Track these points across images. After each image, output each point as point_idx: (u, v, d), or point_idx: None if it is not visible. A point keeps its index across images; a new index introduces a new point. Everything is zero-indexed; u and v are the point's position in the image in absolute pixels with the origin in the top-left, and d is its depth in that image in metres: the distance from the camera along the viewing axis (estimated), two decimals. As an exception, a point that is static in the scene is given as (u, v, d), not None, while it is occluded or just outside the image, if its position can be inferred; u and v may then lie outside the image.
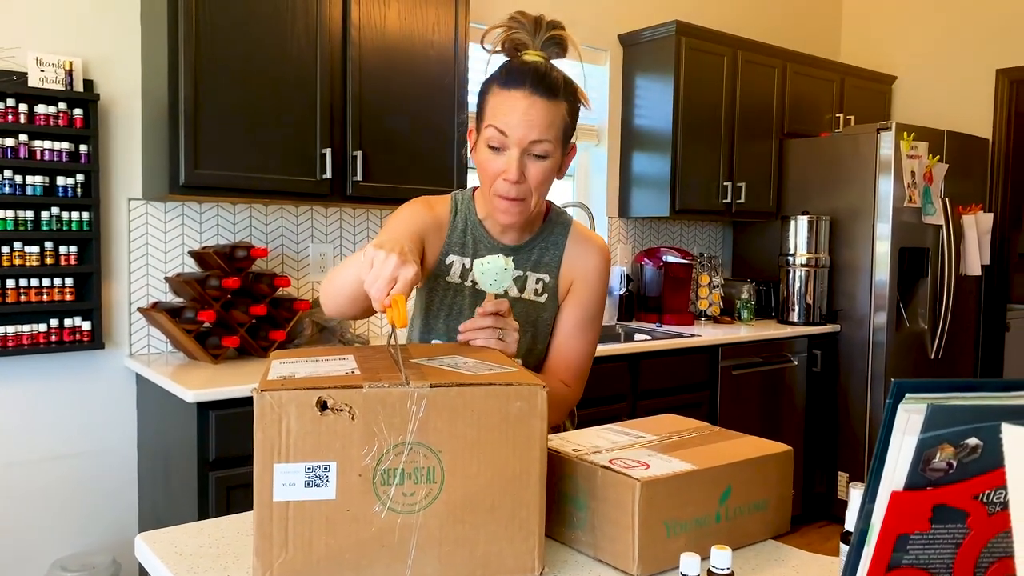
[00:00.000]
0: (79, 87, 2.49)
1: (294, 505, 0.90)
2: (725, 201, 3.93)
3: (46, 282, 2.45)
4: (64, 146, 2.45)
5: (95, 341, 2.53)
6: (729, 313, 4.13)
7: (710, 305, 4.06)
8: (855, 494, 0.86)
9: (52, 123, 2.43)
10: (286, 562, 0.91)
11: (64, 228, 2.47)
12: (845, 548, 0.90)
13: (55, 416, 2.57)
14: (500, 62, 1.38)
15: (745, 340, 3.58)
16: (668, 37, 3.71)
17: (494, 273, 1.24)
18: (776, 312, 4.13)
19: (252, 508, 0.92)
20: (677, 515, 1.01)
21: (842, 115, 4.40)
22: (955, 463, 0.65)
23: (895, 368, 3.85)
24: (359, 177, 2.69)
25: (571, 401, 1.49)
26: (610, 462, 1.04)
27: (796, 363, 3.82)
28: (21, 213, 2.40)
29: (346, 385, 0.91)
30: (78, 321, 2.51)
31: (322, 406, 0.89)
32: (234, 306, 2.58)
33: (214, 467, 2.20)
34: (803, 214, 3.94)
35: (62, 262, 2.47)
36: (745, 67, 3.95)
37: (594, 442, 1.15)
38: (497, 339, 1.23)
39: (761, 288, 4.22)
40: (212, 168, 2.42)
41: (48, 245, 2.44)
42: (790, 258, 3.96)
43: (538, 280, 1.46)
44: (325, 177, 2.63)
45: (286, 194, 2.60)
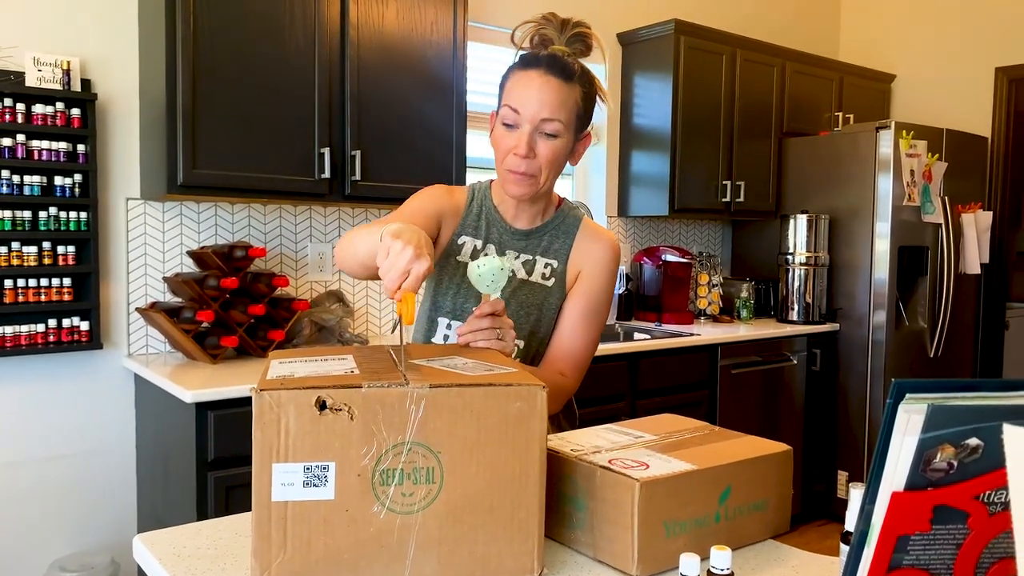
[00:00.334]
0: (77, 87, 2.49)
1: (292, 505, 0.90)
2: (724, 200, 3.93)
3: (44, 282, 2.44)
4: (62, 146, 2.45)
5: (93, 341, 2.53)
6: (728, 312, 4.13)
7: (709, 304, 4.06)
8: (855, 494, 0.86)
9: (50, 123, 2.43)
10: (284, 563, 0.90)
11: (62, 228, 2.47)
12: (845, 548, 0.90)
13: (53, 416, 2.56)
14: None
15: (744, 339, 3.57)
16: (667, 36, 3.70)
17: (491, 274, 1.24)
18: (775, 311, 4.13)
19: (251, 508, 0.91)
20: (676, 515, 1.01)
21: (841, 114, 4.40)
22: (956, 463, 0.64)
23: (894, 367, 3.85)
24: (358, 176, 2.69)
25: (567, 391, 1.50)
26: (609, 462, 1.03)
27: (795, 362, 3.82)
28: (19, 213, 2.39)
29: (345, 385, 0.90)
30: (76, 321, 2.51)
31: (321, 406, 0.89)
32: (233, 306, 2.57)
33: (213, 467, 2.20)
34: (802, 213, 3.94)
35: (60, 262, 2.47)
36: (744, 66, 3.95)
37: (593, 442, 1.15)
38: (496, 339, 1.23)
39: (760, 287, 4.22)
40: (210, 168, 2.42)
41: (46, 245, 2.44)
42: (789, 257, 3.96)
43: (547, 265, 1.49)
44: (323, 176, 2.63)
45: (284, 194, 2.60)
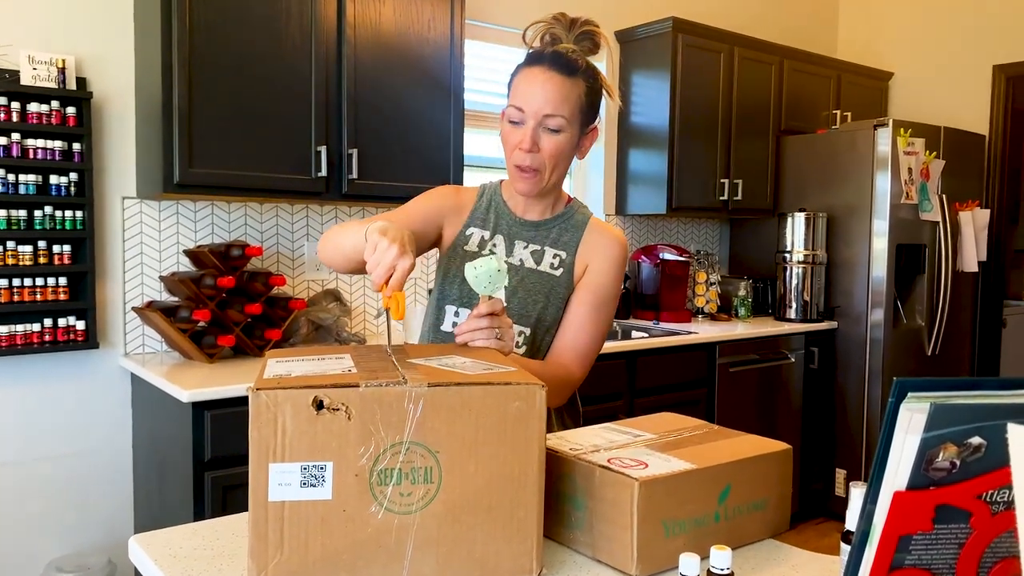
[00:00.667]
0: (72, 85, 2.48)
1: (290, 505, 0.89)
2: (722, 198, 3.93)
3: (40, 282, 2.43)
4: (57, 144, 2.44)
5: (89, 341, 2.52)
6: (726, 310, 4.13)
7: (707, 302, 4.06)
8: (856, 494, 0.85)
9: (45, 121, 2.41)
10: (281, 563, 0.90)
11: (58, 227, 2.46)
12: (846, 548, 0.90)
13: (50, 416, 2.55)
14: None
15: (742, 337, 3.57)
16: (664, 34, 3.70)
17: (487, 276, 1.23)
18: (773, 309, 4.12)
19: (248, 509, 0.91)
20: (676, 515, 1.00)
21: (839, 111, 4.39)
22: (958, 462, 0.64)
23: (892, 364, 3.85)
24: (354, 175, 2.68)
25: (573, 385, 1.50)
26: (608, 461, 1.03)
27: (793, 360, 3.82)
28: (14, 212, 2.38)
29: (342, 384, 0.90)
30: (72, 321, 2.50)
31: (318, 405, 0.88)
32: (229, 305, 2.57)
33: (209, 467, 2.19)
34: (800, 211, 3.94)
35: (56, 261, 2.45)
36: (742, 64, 3.94)
37: (592, 441, 1.14)
38: (495, 339, 1.23)
39: (758, 285, 4.22)
40: (206, 166, 2.41)
41: (41, 244, 2.43)
42: (787, 255, 3.96)
43: (555, 256, 1.51)
44: (320, 175, 2.62)
45: (281, 192, 2.59)
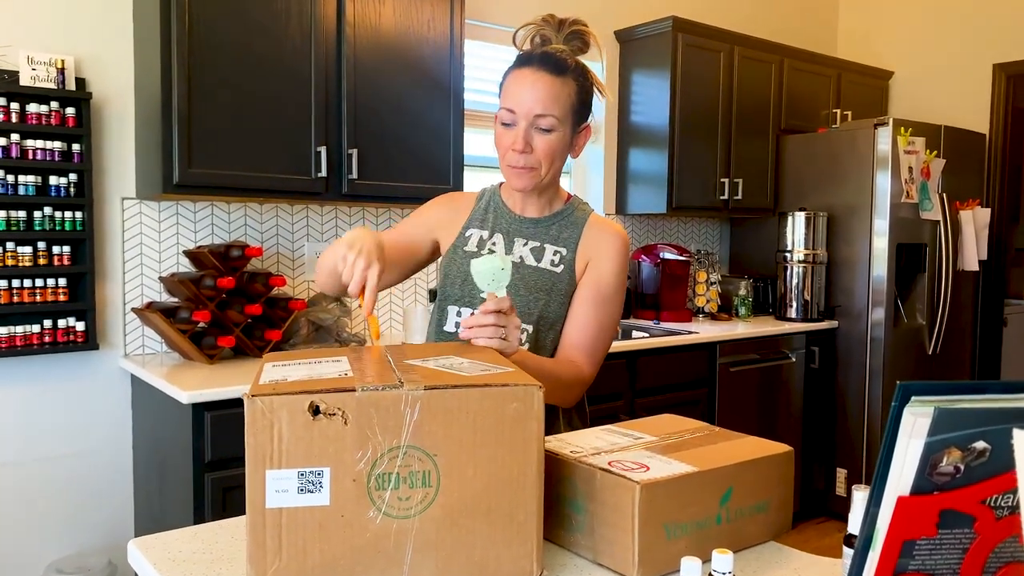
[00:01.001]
0: (71, 85, 2.47)
1: (287, 512, 0.89)
2: (722, 197, 3.92)
3: (39, 283, 2.43)
4: (56, 145, 2.43)
5: (89, 342, 2.51)
6: (727, 310, 4.12)
7: (708, 302, 4.05)
8: (859, 497, 0.85)
9: (44, 122, 2.41)
10: (280, 569, 0.89)
11: (57, 228, 2.45)
12: (848, 552, 0.89)
13: (50, 418, 2.55)
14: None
15: (743, 337, 3.57)
16: (664, 33, 3.69)
17: (491, 273, 1.23)
18: (774, 309, 4.12)
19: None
20: (677, 518, 0.99)
21: (839, 111, 4.39)
22: (962, 467, 0.63)
23: (893, 364, 3.85)
24: (354, 175, 2.67)
25: (584, 381, 1.49)
26: (609, 464, 1.02)
27: (794, 360, 3.81)
28: (13, 213, 2.38)
29: (338, 388, 0.89)
30: (72, 322, 2.49)
31: (314, 411, 0.88)
32: (229, 306, 2.56)
33: (210, 468, 2.19)
34: (800, 210, 3.93)
35: (55, 262, 2.45)
36: (742, 63, 3.93)
37: (592, 443, 1.13)
38: (500, 339, 1.21)
39: (759, 285, 4.21)
40: (206, 167, 2.40)
41: (41, 245, 2.42)
42: (787, 254, 3.95)
43: (555, 252, 1.51)
44: (320, 175, 2.61)
45: (281, 193, 2.58)
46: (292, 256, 2.97)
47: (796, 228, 3.92)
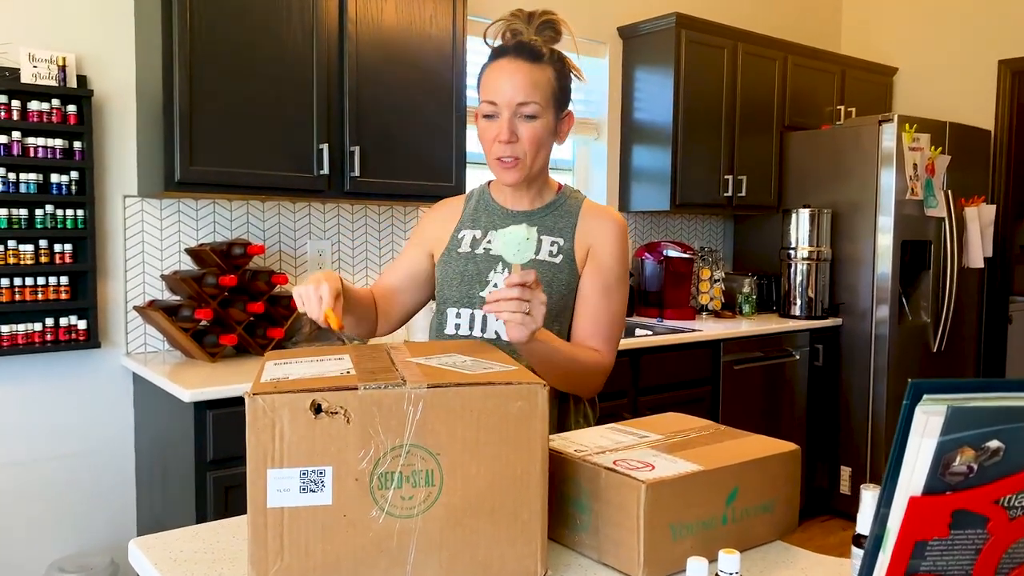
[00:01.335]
0: (73, 83, 2.46)
1: (289, 511, 0.88)
2: (726, 195, 3.90)
3: (41, 281, 2.42)
4: (58, 143, 2.42)
5: (91, 340, 2.50)
6: (730, 307, 4.10)
7: (711, 299, 4.03)
8: (867, 496, 0.84)
9: (46, 120, 2.40)
10: (282, 569, 0.88)
11: (59, 226, 2.44)
12: (858, 552, 0.88)
13: (51, 416, 2.54)
14: None
15: (746, 334, 3.55)
16: (668, 29, 3.67)
17: (516, 243, 1.20)
18: (777, 306, 4.10)
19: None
20: (683, 517, 0.98)
21: (843, 107, 4.37)
22: (975, 467, 0.62)
23: (898, 361, 3.83)
24: (357, 173, 2.66)
25: (605, 367, 1.49)
26: (614, 463, 1.01)
27: (798, 357, 3.79)
28: (15, 211, 2.37)
29: (340, 387, 0.88)
30: (74, 320, 2.48)
31: (316, 409, 0.87)
32: (231, 304, 2.55)
33: (212, 467, 2.18)
34: (804, 207, 3.91)
35: (57, 260, 2.44)
36: (745, 59, 3.92)
37: (597, 442, 1.12)
38: (524, 313, 1.18)
39: (762, 282, 4.19)
40: (208, 164, 2.40)
41: (43, 243, 2.42)
42: (791, 252, 3.94)
43: (553, 243, 1.49)
44: (322, 173, 2.60)
45: (283, 190, 2.57)
46: (294, 254, 2.96)
47: (800, 225, 3.91)
